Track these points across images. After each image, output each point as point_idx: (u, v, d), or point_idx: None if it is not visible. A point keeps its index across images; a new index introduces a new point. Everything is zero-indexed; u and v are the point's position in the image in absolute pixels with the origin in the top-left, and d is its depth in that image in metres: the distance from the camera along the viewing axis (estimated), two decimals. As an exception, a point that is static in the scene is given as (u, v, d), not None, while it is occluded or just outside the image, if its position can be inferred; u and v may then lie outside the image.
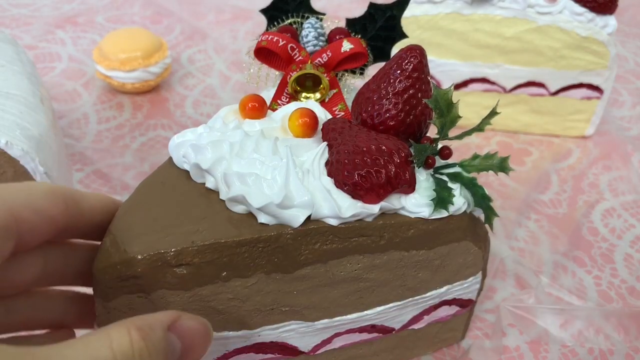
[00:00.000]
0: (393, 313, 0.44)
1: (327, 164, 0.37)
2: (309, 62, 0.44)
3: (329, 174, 0.37)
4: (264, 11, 0.49)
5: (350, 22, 0.48)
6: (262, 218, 0.35)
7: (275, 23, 0.48)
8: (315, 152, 0.37)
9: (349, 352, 0.45)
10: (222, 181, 0.36)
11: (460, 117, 0.38)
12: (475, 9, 0.68)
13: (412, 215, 0.38)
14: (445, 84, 0.73)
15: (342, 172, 0.36)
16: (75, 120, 0.74)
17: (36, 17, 0.95)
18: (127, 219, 0.35)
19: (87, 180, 0.65)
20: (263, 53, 0.45)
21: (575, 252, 0.61)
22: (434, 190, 0.38)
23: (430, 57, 0.72)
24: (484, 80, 0.73)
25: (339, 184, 0.36)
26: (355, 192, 0.36)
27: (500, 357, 0.50)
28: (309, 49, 0.46)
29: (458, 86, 0.73)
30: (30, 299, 0.34)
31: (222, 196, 0.36)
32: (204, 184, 0.38)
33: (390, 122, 0.38)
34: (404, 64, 0.37)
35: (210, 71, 0.85)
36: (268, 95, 0.45)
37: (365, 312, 0.42)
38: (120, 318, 0.34)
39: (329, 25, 0.48)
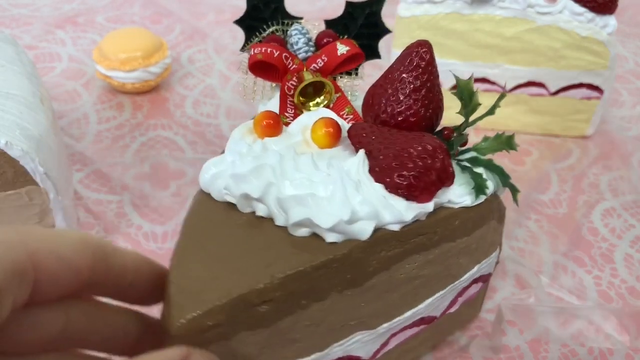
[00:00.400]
0: (437, 302, 0.44)
1: (371, 170, 0.37)
2: (305, 70, 0.43)
3: (377, 180, 0.37)
4: (239, 22, 0.47)
5: (330, 23, 0.47)
6: (331, 237, 0.35)
7: (257, 33, 0.47)
8: (357, 160, 0.37)
9: (401, 349, 0.45)
10: (278, 207, 0.35)
11: (480, 104, 0.39)
12: (475, 9, 0.68)
13: (456, 206, 0.39)
14: (446, 84, 0.73)
15: (394, 176, 0.36)
16: (75, 120, 0.74)
17: (36, 17, 0.95)
18: (188, 265, 0.33)
19: (87, 180, 0.65)
20: (257, 66, 0.43)
21: (575, 252, 0.61)
22: (471, 178, 0.39)
23: (430, 57, 0.72)
24: (484, 80, 0.73)
25: (392, 189, 0.36)
26: (410, 193, 0.36)
27: (500, 357, 0.50)
28: (301, 55, 0.45)
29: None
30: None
31: (279, 222, 0.35)
32: (252, 212, 0.36)
33: (412, 118, 0.38)
34: (416, 59, 0.38)
35: (210, 71, 0.85)
36: (265, 109, 0.44)
37: (418, 307, 0.43)
38: None
39: (310, 29, 0.47)
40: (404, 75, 0.38)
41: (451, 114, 0.41)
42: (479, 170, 0.39)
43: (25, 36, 0.89)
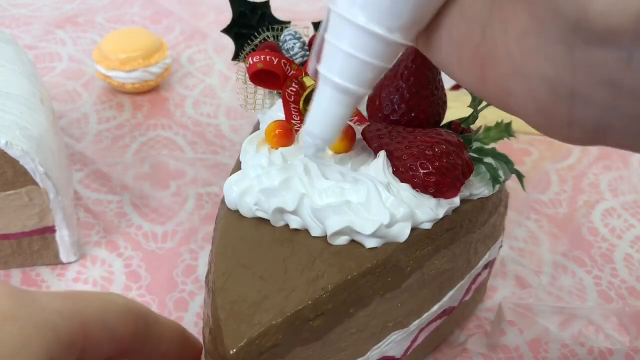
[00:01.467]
0: (455, 294, 0.45)
1: (395, 171, 0.37)
2: (303, 75, 0.43)
3: (403, 180, 0.37)
4: (227, 31, 0.46)
5: (318, 26, 0.46)
6: (371, 242, 0.35)
7: (249, 41, 0.46)
8: (379, 163, 0.37)
9: (427, 342, 0.46)
10: (313, 218, 0.35)
11: None
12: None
13: (475, 198, 0.40)
14: (445, 84, 0.73)
15: (419, 175, 0.36)
16: (75, 120, 0.74)
17: (36, 17, 0.95)
18: (233, 288, 0.33)
19: (87, 180, 0.65)
20: (257, 75, 0.42)
21: (575, 252, 0.61)
22: (485, 169, 0.39)
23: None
24: (484, 80, 0.73)
25: (420, 188, 0.36)
26: (438, 189, 0.37)
27: (500, 357, 0.50)
28: (298, 60, 0.44)
29: (458, 86, 0.73)
30: None
31: (316, 233, 0.35)
32: (285, 225, 0.36)
33: (422, 115, 0.39)
34: (420, 57, 0.38)
35: (210, 71, 0.85)
36: (264, 118, 0.44)
37: (442, 300, 0.43)
38: None
39: (301, 32, 0.46)
40: (407, 75, 0.38)
41: (452, 114, 0.41)
42: (489, 160, 0.40)
43: (25, 36, 0.89)
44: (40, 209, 0.51)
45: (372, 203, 0.35)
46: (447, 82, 0.73)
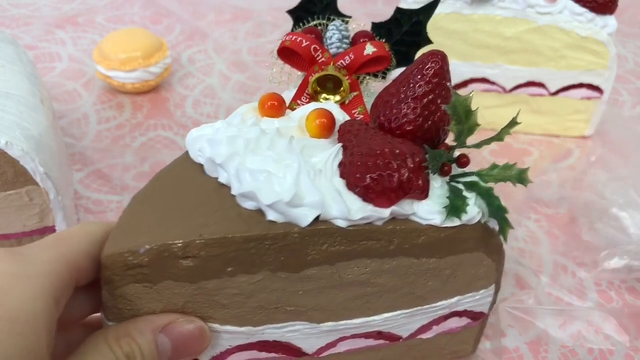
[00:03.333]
0: (401, 320, 0.43)
1: (340, 165, 0.37)
2: (332, 64, 0.44)
3: (342, 176, 0.37)
4: (291, 12, 0.49)
5: (376, 26, 0.48)
6: (271, 215, 0.35)
7: (301, 24, 0.48)
8: (330, 152, 0.37)
9: (354, 358, 0.45)
10: (235, 176, 0.36)
11: (479, 125, 0.37)
12: (475, 9, 0.68)
13: (424, 222, 0.37)
14: (445, 84, 0.73)
15: (354, 174, 0.36)
16: (75, 120, 0.74)
17: (36, 17, 0.95)
18: (138, 209, 0.36)
19: (87, 180, 0.65)
20: (286, 53, 0.45)
21: (575, 252, 0.61)
22: (447, 197, 0.37)
23: (430, 57, 0.72)
24: (484, 80, 0.73)
25: (351, 186, 0.36)
26: (366, 194, 0.36)
27: (501, 358, 0.50)
28: (332, 50, 0.46)
29: (458, 86, 0.73)
30: (85, 330, 0.37)
31: (234, 191, 0.36)
32: (217, 178, 0.38)
33: (408, 126, 0.37)
34: (424, 68, 0.37)
35: (210, 71, 0.85)
36: (289, 95, 0.45)
37: (372, 317, 0.42)
38: (125, 306, 0.35)
39: (354, 28, 0.48)
40: (410, 82, 0.37)
41: None
42: (469, 195, 0.38)
43: (25, 36, 0.89)
44: (41, 209, 0.51)
45: (287, 180, 0.35)
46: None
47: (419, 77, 0.37)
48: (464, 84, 0.73)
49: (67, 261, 0.32)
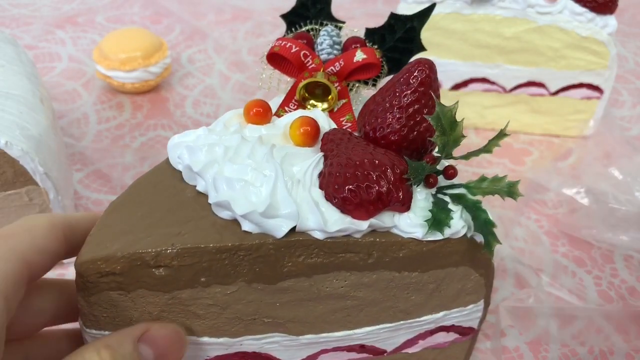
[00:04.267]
0: (384, 334, 0.42)
1: (320, 175, 0.36)
2: (322, 71, 0.43)
3: (321, 186, 0.36)
4: (284, 16, 0.48)
5: (370, 32, 0.47)
6: (246, 226, 0.34)
7: (294, 29, 0.47)
8: (310, 162, 0.36)
9: None
10: (212, 185, 0.35)
11: (464, 136, 0.35)
12: (475, 9, 0.68)
13: (405, 235, 0.36)
14: (446, 84, 0.73)
15: (332, 184, 0.35)
16: (75, 120, 0.74)
17: (36, 17, 0.95)
18: (114, 216, 0.36)
19: (87, 180, 0.65)
20: (276, 58, 0.44)
21: (575, 252, 0.61)
22: (430, 210, 0.36)
23: (430, 57, 0.72)
24: (484, 80, 0.73)
25: (329, 197, 0.35)
26: (344, 206, 0.35)
27: (501, 358, 0.50)
28: (323, 57, 0.45)
29: (458, 86, 0.73)
30: (44, 340, 0.37)
31: (210, 200, 0.36)
32: (196, 186, 0.37)
33: (393, 136, 0.36)
34: (411, 77, 0.36)
35: (210, 71, 0.85)
36: (278, 101, 0.45)
37: (354, 330, 0.41)
38: (101, 313, 0.35)
39: (347, 34, 0.47)
40: (395, 91, 0.36)
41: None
42: (454, 208, 0.36)
43: (25, 36, 0.89)
44: (40, 209, 0.51)
45: (263, 190, 0.35)
46: (447, 81, 0.74)
47: (404, 86, 0.36)
48: (464, 83, 0.73)
49: (12, 258, 0.31)
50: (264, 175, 0.35)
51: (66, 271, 0.55)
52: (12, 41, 0.60)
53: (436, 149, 0.37)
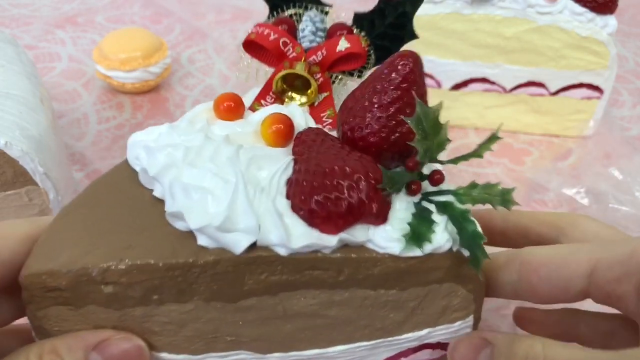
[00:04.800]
0: (361, 353, 0.39)
1: (288, 182, 0.32)
2: (303, 60, 0.39)
3: (287, 195, 0.32)
4: None
5: (358, 17, 0.43)
6: (202, 240, 0.31)
7: (276, 13, 0.44)
8: (277, 167, 0.32)
9: None
10: (168, 192, 0.32)
11: (449, 140, 0.32)
12: (475, 9, 0.68)
13: (381, 251, 0.33)
14: (446, 84, 0.73)
15: (299, 195, 0.31)
16: (75, 120, 0.74)
17: (36, 17, 0.95)
18: (62, 223, 0.33)
19: (87, 180, 0.65)
20: (254, 47, 0.40)
21: (575, 252, 0.61)
22: (408, 223, 0.32)
23: (430, 57, 0.72)
24: (484, 80, 0.73)
25: (295, 208, 0.32)
26: (311, 219, 0.31)
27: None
28: (305, 44, 0.41)
29: (458, 86, 0.73)
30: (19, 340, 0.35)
31: (166, 208, 0.32)
32: (153, 191, 0.34)
33: (372, 138, 0.32)
34: (392, 73, 0.32)
35: (210, 71, 0.85)
36: (255, 93, 0.41)
37: (326, 349, 0.38)
38: (50, 327, 0.32)
39: (334, 19, 0.43)
40: (376, 87, 0.32)
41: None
42: (438, 218, 0.33)
43: (25, 36, 0.89)
44: (40, 209, 0.51)
45: (221, 200, 0.31)
46: (447, 81, 0.73)
47: (386, 82, 0.32)
48: (464, 83, 0.73)
49: None
50: (225, 182, 0.32)
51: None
52: (12, 41, 0.60)
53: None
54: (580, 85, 0.72)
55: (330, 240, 0.32)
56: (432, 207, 0.33)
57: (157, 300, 0.32)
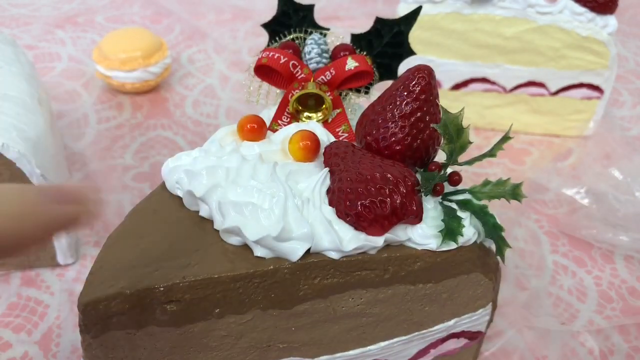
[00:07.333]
0: (398, 347, 0.42)
1: (328, 191, 0.35)
2: (312, 80, 0.42)
3: (331, 203, 0.35)
4: (266, 26, 0.47)
5: (356, 37, 0.46)
6: (259, 251, 0.33)
7: (277, 38, 0.46)
8: (316, 179, 0.35)
9: None
10: (217, 210, 0.34)
11: (471, 142, 0.36)
12: (476, 9, 0.68)
13: (419, 247, 0.36)
14: (446, 84, 0.73)
15: (344, 201, 0.34)
16: (75, 120, 0.74)
17: (36, 17, 0.95)
18: (115, 250, 0.34)
19: (87, 180, 0.65)
20: (263, 70, 0.43)
21: (575, 252, 0.61)
22: (442, 220, 0.35)
23: (430, 57, 0.72)
24: (484, 80, 0.73)
25: (341, 214, 0.34)
26: (358, 223, 0.34)
27: (501, 358, 0.50)
28: (312, 66, 0.44)
29: (458, 86, 0.73)
30: None
31: (217, 226, 0.34)
32: (198, 212, 0.36)
33: (396, 146, 0.36)
34: (411, 85, 0.35)
35: (210, 71, 0.85)
36: (269, 114, 0.43)
37: (368, 347, 0.40)
38: (107, 354, 0.33)
39: (332, 41, 0.46)
40: (396, 100, 0.36)
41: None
42: (463, 214, 0.36)
43: (25, 36, 0.89)
44: (39, 210, 0.51)
45: (274, 212, 0.33)
46: (447, 81, 0.73)
47: (405, 94, 0.35)
48: (464, 83, 0.73)
49: None
50: (271, 197, 0.34)
51: (65, 271, 0.55)
52: (11, 42, 0.60)
53: (436, 156, 0.37)
54: (581, 85, 0.72)
55: (377, 241, 0.34)
56: (453, 205, 0.36)
57: (217, 314, 0.34)
